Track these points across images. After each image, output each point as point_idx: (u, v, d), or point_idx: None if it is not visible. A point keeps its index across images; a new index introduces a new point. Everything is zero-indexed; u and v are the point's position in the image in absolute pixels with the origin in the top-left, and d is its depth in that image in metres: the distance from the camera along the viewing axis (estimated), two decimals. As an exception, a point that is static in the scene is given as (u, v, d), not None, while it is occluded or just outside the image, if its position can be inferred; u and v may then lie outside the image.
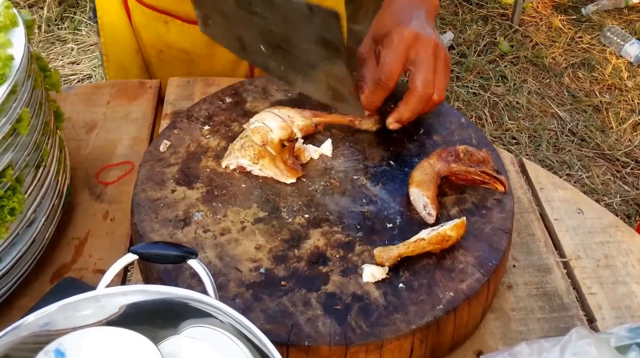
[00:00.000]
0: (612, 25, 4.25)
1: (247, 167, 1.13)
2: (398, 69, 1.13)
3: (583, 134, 3.52)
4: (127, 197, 1.21)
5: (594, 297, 1.08)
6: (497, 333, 1.02)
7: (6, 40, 0.99)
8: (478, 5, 4.53)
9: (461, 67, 3.97)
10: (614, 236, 1.17)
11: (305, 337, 0.89)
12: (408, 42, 1.12)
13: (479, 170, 1.08)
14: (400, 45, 1.12)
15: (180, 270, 0.97)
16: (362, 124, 1.20)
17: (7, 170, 0.94)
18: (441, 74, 1.14)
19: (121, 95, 1.47)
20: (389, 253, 0.97)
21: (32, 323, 0.70)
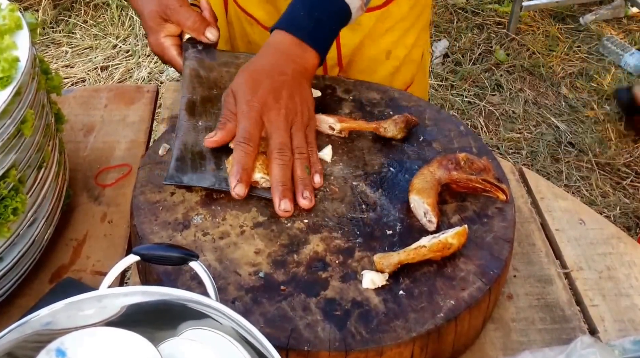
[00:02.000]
0: (611, 35, 4.26)
1: (259, 181, 1.10)
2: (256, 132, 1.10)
3: (581, 145, 3.52)
4: (125, 200, 1.21)
5: (596, 308, 1.08)
6: (497, 343, 1.02)
7: (11, 42, 0.99)
8: (474, 13, 4.53)
9: (456, 76, 3.97)
10: (616, 247, 1.17)
11: (304, 342, 0.89)
12: (259, 111, 1.11)
13: (480, 178, 1.08)
14: (251, 113, 1.11)
15: (179, 272, 0.96)
16: (386, 131, 1.20)
17: (11, 171, 0.94)
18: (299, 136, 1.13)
19: (119, 99, 1.47)
20: (389, 260, 0.97)
21: (36, 322, 0.70)
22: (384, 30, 1.60)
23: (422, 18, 1.70)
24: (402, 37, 1.65)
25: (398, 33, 1.63)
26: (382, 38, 1.61)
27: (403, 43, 1.65)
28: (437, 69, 4.00)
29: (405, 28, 1.64)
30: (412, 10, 1.63)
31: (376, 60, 1.64)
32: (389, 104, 1.29)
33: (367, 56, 1.62)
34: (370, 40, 1.60)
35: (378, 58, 1.63)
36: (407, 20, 1.63)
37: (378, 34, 1.60)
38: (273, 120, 1.11)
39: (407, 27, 1.65)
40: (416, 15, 1.66)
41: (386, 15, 1.58)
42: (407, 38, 1.66)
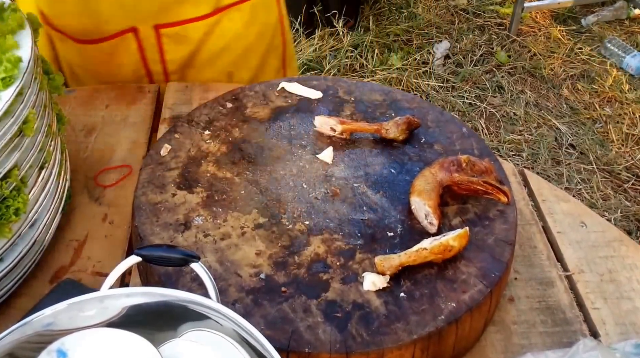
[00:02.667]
0: (613, 37, 4.25)
1: None
2: None
3: (582, 147, 3.51)
4: (126, 200, 1.21)
5: (597, 311, 1.07)
6: (498, 346, 1.01)
7: (14, 42, 0.99)
8: (475, 15, 4.53)
9: (457, 77, 3.97)
10: (618, 250, 1.17)
11: (305, 344, 0.89)
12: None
13: (481, 181, 1.08)
14: None
15: (180, 273, 0.96)
16: (388, 133, 1.20)
17: (13, 171, 0.95)
18: None
19: (120, 99, 1.47)
20: (390, 262, 0.97)
21: (38, 322, 0.70)
22: (219, 48, 1.59)
23: (267, 42, 1.68)
24: (244, 57, 1.63)
25: (237, 53, 1.62)
26: (219, 58, 1.60)
27: (247, 65, 1.64)
28: (438, 70, 4.00)
29: (244, 47, 1.63)
30: (248, 30, 1.61)
31: (218, 82, 1.61)
32: (390, 106, 1.29)
33: (207, 77, 1.61)
34: (204, 59, 1.59)
35: (218, 80, 1.62)
36: (245, 39, 1.62)
37: (211, 52, 1.59)
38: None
39: (246, 47, 1.63)
40: (256, 35, 1.64)
41: (217, 30, 1.57)
42: (250, 60, 1.65)
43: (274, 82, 1.34)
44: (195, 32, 1.54)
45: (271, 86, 1.33)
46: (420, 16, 4.42)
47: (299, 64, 3.86)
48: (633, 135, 3.60)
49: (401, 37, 4.25)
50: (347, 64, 3.98)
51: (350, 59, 4.00)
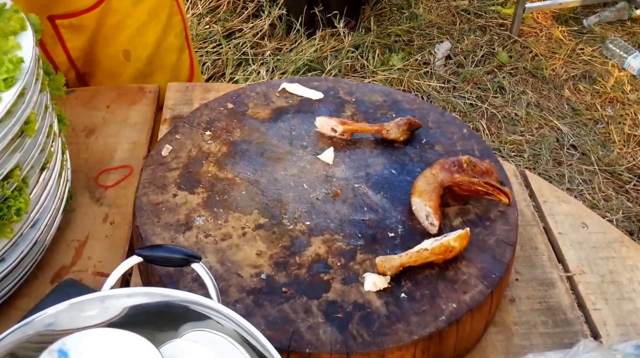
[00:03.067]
0: (615, 38, 4.25)
1: None
2: None
3: (584, 148, 3.51)
4: (127, 201, 1.21)
5: (598, 312, 1.07)
6: (499, 347, 1.01)
7: (15, 43, 0.99)
8: (476, 15, 4.53)
9: (458, 78, 3.97)
10: (619, 251, 1.17)
11: (306, 344, 0.89)
12: None
13: (482, 181, 1.08)
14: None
15: (181, 274, 0.96)
16: (389, 133, 1.20)
17: (15, 171, 0.95)
18: None
19: (121, 100, 1.47)
20: (391, 263, 0.97)
21: (39, 322, 0.70)
22: (113, 26, 1.58)
23: (162, 20, 1.67)
24: (138, 35, 1.62)
25: (130, 30, 1.61)
26: (115, 37, 1.59)
27: (142, 42, 1.63)
28: (439, 71, 4.00)
29: (137, 26, 1.62)
30: (137, 7, 1.61)
31: (116, 61, 1.62)
32: (391, 107, 1.29)
33: (105, 56, 1.60)
34: (103, 40, 1.58)
35: (116, 58, 1.61)
36: (136, 17, 1.61)
37: (108, 32, 1.58)
38: None
39: (138, 24, 1.62)
40: (148, 12, 1.63)
41: (108, 12, 1.56)
42: (146, 37, 1.64)
43: (275, 83, 1.34)
44: (89, 20, 1.53)
45: (272, 87, 1.33)
46: (422, 17, 4.42)
47: (300, 64, 3.86)
48: (635, 136, 3.59)
49: (402, 38, 4.24)
50: (348, 65, 3.97)
51: (351, 60, 4.00)
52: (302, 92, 1.31)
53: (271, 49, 4.01)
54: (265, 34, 4.11)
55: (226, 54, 3.91)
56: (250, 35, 4.07)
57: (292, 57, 3.92)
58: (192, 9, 4.14)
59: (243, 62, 3.91)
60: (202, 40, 3.98)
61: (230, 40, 4.00)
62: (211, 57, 3.88)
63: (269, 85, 1.33)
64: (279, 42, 4.10)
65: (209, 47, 3.93)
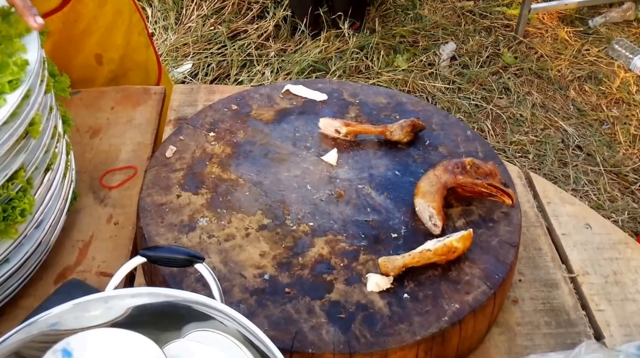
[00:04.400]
0: (621, 38, 4.24)
1: None
2: None
3: (589, 148, 3.50)
4: (131, 201, 1.22)
5: (602, 313, 1.07)
6: (502, 347, 1.01)
7: (21, 45, 1.00)
8: (481, 16, 4.52)
9: (463, 79, 3.96)
10: (623, 252, 1.16)
11: (309, 345, 0.89)
12: None
13: (486, 183, 1.08)
14: None
15: (185, 274, 0.96)
16: (392, 135, 1.20)
17: (19, 172, 0.95)
18: None
19: (125, 101, 1.48)
20: (394, 263, 0.97)
21: (43, 322, 0.70)
22: (80, 32, 1.57)
23: (126, 19, 1.66)
24: (107, 37, 1.61)
25: (99, 33, 1.60)
26: (84, 42, 1.58)
27: (113, 45, 1.62)
28: (444, 72, 3.99)
29: (104, 28, 1.61)
30: (103, 9, 1.59)
31: (88, 67, 1.61)
32: (395, 108, 1.29)
33: (76, 63, 1.59)
34: (73, 47, 1.57)
35: (88, 64, 1.60)
36: (103, 19, 1.60)
37: (74, 38, 1.57)
38: None
39: (105, 27, 1.61)
40: (112, 13, 1.62)
41: (74, 16, 1.54)
42: (115, 39, 1.63)
43: (279, 85, 1.34)
44: (54, 25, 1.51)
45: (276, 88, 1.33)
46: (426, 17, 4.42)
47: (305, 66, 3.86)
48: None
49: (407, 39, 4.24)
50: (353, 66, 3.97)
51: (356, 61, 4.00)
52: (306, 93, 1.32)
53: (276, 50, 4.01)
54: (270, 35, 4.12)
55: (231, 55, 3.91)
56: (255, 36, 4.07)
57: (297, 58, 3.92)
58: (197, 10, 4.14)
59: (248, 63, 3.92)
60: (207, 42, 3.98)
61: (235, 42, 4.00)
62: (216, 59, 3.89)
63: (273, 86, 1.34)
64: (284, 43, 4.10)
65: (214, 48, 3.93)
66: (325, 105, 1.29)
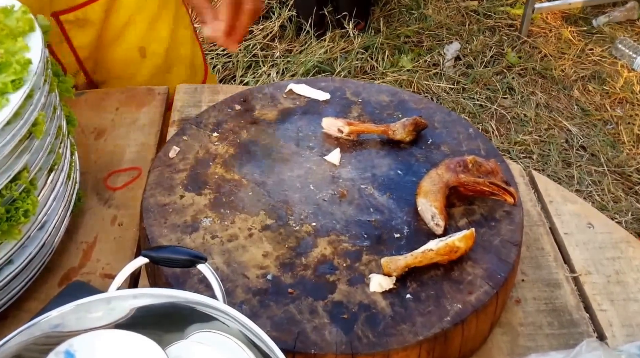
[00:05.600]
0: (624, 38, 4.24)
1: None
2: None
3: (593, 148, 3.50)
4: (135, 203, 1.22)
5: (604, 313, 1.07)
6: (504, 348, 1.01)
7: (24, 45, 1.00)
8: (485, 16, 4.52)
9: (467, 79, 3.96)
10: (625, 252, 1.16)
11: (311, 345, 0.89)
12: None
13: (487, 181, 1.08)
14: None
15: (188, 275, 0.97)
16: (395, 134, 1.20)
17: (23, 173, 0.95)
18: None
19: (130, 102, 1.48)
20: (397, 263, 0.97)
21: (45, 324, 0.71)
22: (123, 23, 1.55)
23: (171, 11, 1.64)
24: (151, 30, 1.60)
25: (143, 26, 1.58)
26: (126, 33, 1.57)
27: (157, 37, 1.60)
28: (449, 72, 3.99)
29: (149, 20, 1.59)
30: (148, 1, 1.58)
31: (130, 61, 1.59)
32: (398, 107, 1.29)
33: (117, 57, 1.58)
34: (113, 38, 1.56)
35: (131, 57, 1.59)
36: (147, 11, 1.58)
37: (116, 29, 1.55)
38: None
39: (150, 18, 1.59)
40: (158, 5, 1.60)
41: (116, 6, 1.53)
42: (160, 31, 1.61)
43: (282, 84, 1.34)
44: (95, 13, 1.50)
45: (279, 88, 1.33)
46: (431, 17, 4.42)
47: (310, 66, 3.87)
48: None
49: (411, 39, 4.25)
50: (358, 66, 3.98)
51: (361, 61, 4.00)
52: (309, 93, 1.32)
53: (281, 51, 4.01)
54: (275, 35, 4.12)
55: (236, 56, 3.92)
56: (261, 37, 4.08)
57: (302, 59, 3.92)
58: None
59: (253, 64, 3.92)
60: (213, 43, 3.99)
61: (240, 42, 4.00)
62: (221, 60, 3.90)
63: (276, 86, 1.34)
64: (289, 44, 4.11)
65: (219, 49, 3.94)
66: (328, 104, 1.29)
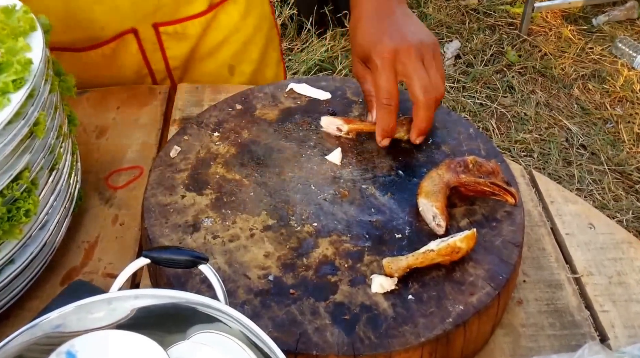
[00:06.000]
0: (624, 37, 4.24)
1: None
2: (394, 88, 1.15)
3: (593, 147, 3.50)
4: (136, 202, 1.22)
5: (606, 314, 1.07)
6: (506, 349, 1.01)
7: (25, 44, 0.99)
8: (485, 14, 4.52)
9: (467, 77, 3.96)
10: (626, 253, 1.16)
11: (313, 346, 0.89)
12: (391, 61, 1.15)
13: (488, 182, 1.08)
14: (385, 66, 1.15)
15: (189, 275, 0.97)
16: (395, 132, 1.20)
17: (24, 172, 0.95)
18: (433, 69, 1.15)
19: (131, 101, 1.48)
20: (398, 264, 0.97)
21: (46, 324, 0.70)
22: (218, 41, 1.59)
23: (264, 33, 1.68)
24: (244, 51, 1.63)
25: (236, 46, 1.62)
26: (219, 51, 1.60)
27: (248, 58, 1.64)
28: (449, 71, 3.99)
29: (243, 41, 1.63)
30: (245, 21, 1.62)
31: (219, 76, 1.62)
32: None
33: (206, 72, 1.61)
34: (205, 53, 1.59)
35: (220, 73, 1.62)
36: (242, 32, 1.62)
37: (211, 45, 1.59)
38: (407, 63, 1.14)
39: (245, 40, 1.63)
40: (253, 27, 1.64)
41: (215, 24, 1.57)
42: (251, 53, 1.65)
43: (283, 83, 1.34)
44: (194, 29, 1.54)
45: (280, 87, 1.33)
46: (431, 16, 4.42)
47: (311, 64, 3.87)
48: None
49: (412, 37, 4.24)
50: (358, 65, 3.98)
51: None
52: (310, 92, 1.32)
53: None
54: (276, 33, 4.12)
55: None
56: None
57: (303, 57, 3.92)
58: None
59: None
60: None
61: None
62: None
63: (277, 86, 1.34)
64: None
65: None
66: (329, 104, 1.29)
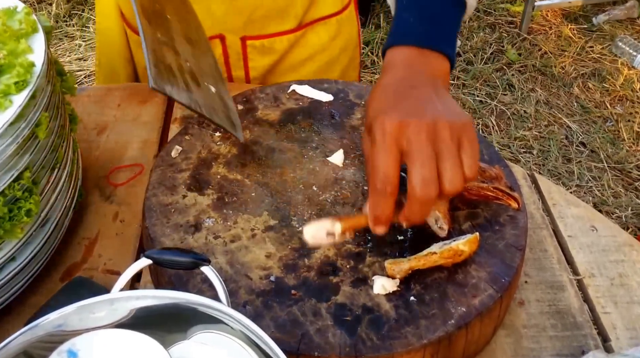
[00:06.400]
0: (624, 36, 4.24)
1: None
2: (392, 169, 0.89)
3: (593, 145, 3.50)
4: (137, 199, 1.22)
5: (608, 316, 1.07)
6: (508, 350, 1.01)
7: (27, 47, 0.99)
8: (486, 13, 4.52)
9: (467, 75, 3.96)
10: (628, 255, 1.16)
11: (315, 347, 0.89)
12: (394, 136, 0.88)
13: (492, 187, 1.07)
14: (386, 142, 0.89)
15: (191, 274, 0.97)
16: None
17: (25, 173, 0.95)
18: (454, 159, 0.88)
19: (132, 98, 1.48)
20: (400, 266, 0.97)
21: (49, 323, 0.71)
22: (302, 58, 1.60)
23: (348, 55, 1.69)
24: (326, 70, 1.64)
25: (320, 64, 1.63)
26: (302, 67, 1.61)
27: (328, 76, 1.63)
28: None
29: (326, 61, 1.64)
30: (333, 42, 1.62)
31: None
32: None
33: None
34: (287, 68, 1.60)
35: None
36: (327, 53, 1.63)
37: (295, 62, 1.60)
38: (412, 141, 0.87)
39: (328, 60, 1.64)
40: (339, 48, 1.65)
41: (303, 42, 1.58)
42: (333, 72, 1.65)
43: (285, 85, 1.34)
44: (281, 44, 1.56)
45: (282, 88, 1.33)
46: (431, 14, 4.41)
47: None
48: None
49: (412, 34, 4.24)
50: (358, 61, 3.98)
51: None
52: (312, 94, 1.31)
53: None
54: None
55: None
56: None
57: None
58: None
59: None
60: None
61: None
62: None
63: (279, 87, 1.34)
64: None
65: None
66: (331, 106, 1.29)
